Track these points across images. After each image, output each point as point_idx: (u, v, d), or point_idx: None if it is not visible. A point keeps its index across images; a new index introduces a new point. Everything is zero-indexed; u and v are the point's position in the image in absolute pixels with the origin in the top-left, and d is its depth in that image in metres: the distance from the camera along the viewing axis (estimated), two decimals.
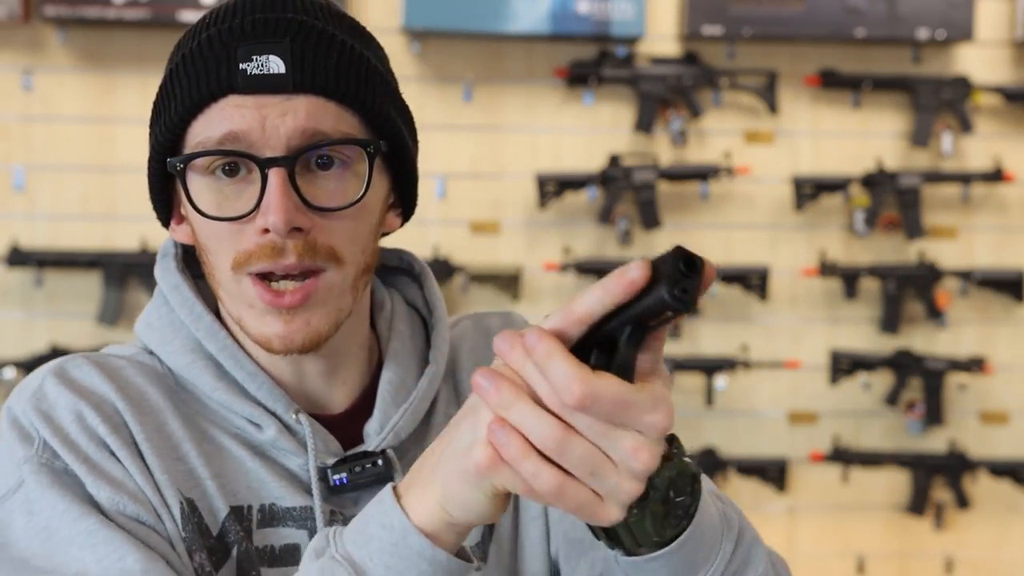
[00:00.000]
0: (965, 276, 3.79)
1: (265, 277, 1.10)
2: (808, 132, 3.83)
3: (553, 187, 3.69)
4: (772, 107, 3.74)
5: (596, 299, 0.82)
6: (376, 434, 1.17)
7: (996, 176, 3.78)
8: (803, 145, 3.83)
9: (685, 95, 3.72)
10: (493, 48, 3.74)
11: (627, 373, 0.83)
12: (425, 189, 3.74)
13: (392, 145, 1.15)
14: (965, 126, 3.77)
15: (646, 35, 3.68)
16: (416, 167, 1.21)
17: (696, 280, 0.82)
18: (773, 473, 3.78)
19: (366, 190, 1.11)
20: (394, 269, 1.29)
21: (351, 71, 1.12)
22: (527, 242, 3.76)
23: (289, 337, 1.11)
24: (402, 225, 1.23)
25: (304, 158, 1.09)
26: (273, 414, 1.15)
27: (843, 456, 3.80)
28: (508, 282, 3.71)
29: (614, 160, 3.70)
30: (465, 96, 3.74)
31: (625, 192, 3.70)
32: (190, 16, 3.53)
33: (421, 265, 1.29)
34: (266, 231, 1.08)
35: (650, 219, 3.70)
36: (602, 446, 0.82)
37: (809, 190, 3.76)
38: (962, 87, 3.77)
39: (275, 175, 1.07)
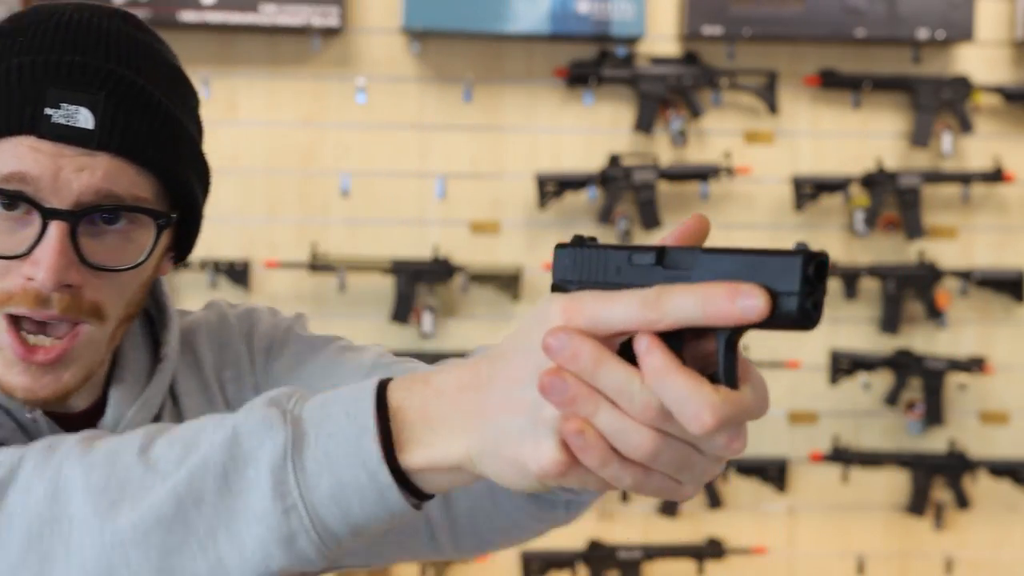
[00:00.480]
0: (965, 276, 3.79)
1: (20, 320, 1.06)
2: (808, 132, 3.83)
3: (553, 187, 3.69)
4: (772, 107, 3.74)
5: (692, 315, 0.73)
6: (111, 429, 1.13)
7: (996, 176, 3.78)
8: (803, 145, 3.83)
9: (685, 95, 3.72)
10: (493, 48, 3.74)
11: (732, 379, 0.75)
12: (425, 189, 3.75)
13: (184, 210, 1.12)
14: (965, 126, 3.77)
15: (646, 35, 3.68)
16: (200, 223, 1.17)
17: (825, 287, 0.71)
18: (773, 473, 3.78)
19: (147, 257, 1.08)
20: None
21: (160, 136, 1.08)
22: (527, 242, 3.76)
23: (35, 391, 1.07)
24: (176, 267, 1.19)
25: (90, 217, 1.05)
26: (8, 412, 1.11)
27: (843, 456, 3.80)
28: (508, 282, 3.71)
29: (614, 160, 3.70)
30: (465, 96, 3.74)
31: (625, 192, 3.70)
32: (190, 16, 3.53)
33: None
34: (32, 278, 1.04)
35: (650, 219, 3.70)
36: (697, 445, 0.75)
37: (809, 190, 3.76)
38: (962, 87, 3.77)
39: (56, 228, 1.03)
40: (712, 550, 3.78)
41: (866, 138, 3.84)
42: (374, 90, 3.72)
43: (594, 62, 3.70)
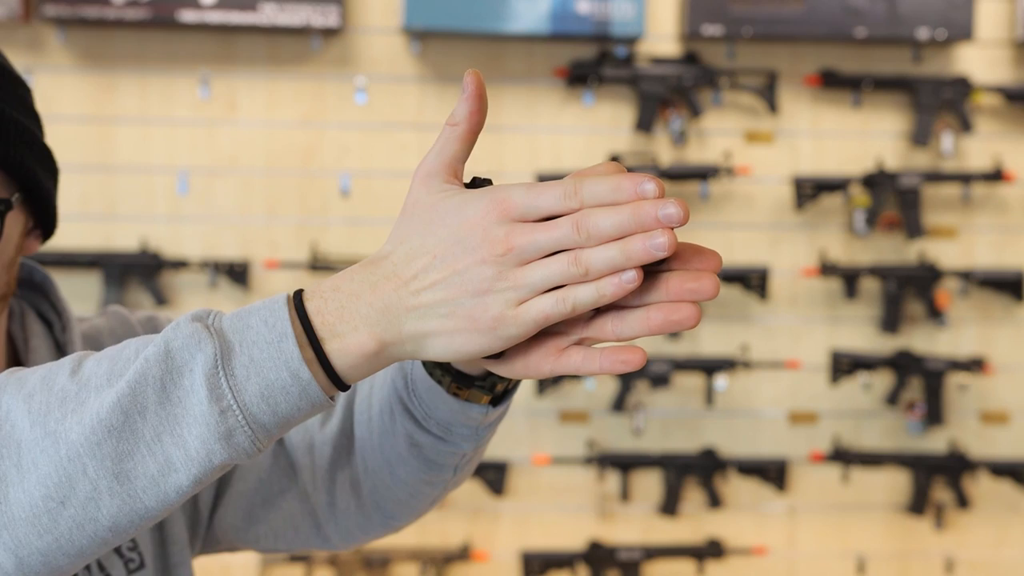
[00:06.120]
0: (965, 276, 3.79)
1: None
2: (808, 132, 3.83)
3: None
4: (772, 107, 3.74)
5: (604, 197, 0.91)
6: None
7: (996, 176, 3.78)
8: (803, 145, 3.83)
9: (685, 95, 3.73)
10: (493, 48, 3.74)
11: None
12: None
13: (28, 190, 1.23)
14: (965, 126, 3.77)
15: (646, 35, 3.68)
16: (53, 200, 1.27)
17: None
18: (773, 473, 3.78)
19: None
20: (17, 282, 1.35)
21: None
22: None
23: None
24: (44, 243, 1.29)
25: None
26: None
27: (843, 456, 3.80)
28: None
29: (614, 160, 3.69)
30: None
31: None
32: (190, 16, 3.53)
33: (42, 275, 1.35)
34: None
35: None
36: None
37: (809, 190, 3.76)
38: (962, 87, 3.77)
39: None
40: (712, 550, 3.78)
41: (866, 138, 3.84)
42: (374, 90, 3.72)
43: (594, 62, 3.70)
